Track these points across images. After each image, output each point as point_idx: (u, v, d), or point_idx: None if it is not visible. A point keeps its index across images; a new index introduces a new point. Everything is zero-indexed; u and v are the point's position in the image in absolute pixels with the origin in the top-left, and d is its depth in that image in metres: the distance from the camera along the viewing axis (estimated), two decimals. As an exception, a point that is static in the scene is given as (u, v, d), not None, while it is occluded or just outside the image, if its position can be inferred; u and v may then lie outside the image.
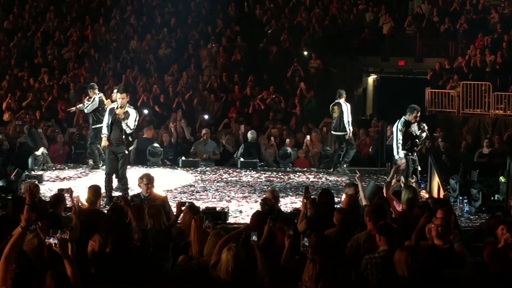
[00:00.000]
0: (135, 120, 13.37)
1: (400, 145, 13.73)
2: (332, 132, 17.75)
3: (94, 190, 10.06)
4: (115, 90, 14.98)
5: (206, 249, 7.40)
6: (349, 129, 17.13)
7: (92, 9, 28.31)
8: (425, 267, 7.19)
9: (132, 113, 13.33)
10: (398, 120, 13.95)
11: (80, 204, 10.29)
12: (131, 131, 13.34)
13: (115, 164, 13.50)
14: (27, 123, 20.40)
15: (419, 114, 14.09)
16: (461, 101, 22.77)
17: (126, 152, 13.44)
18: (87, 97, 17.19)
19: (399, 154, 13.69)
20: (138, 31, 27.02)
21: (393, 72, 28.51)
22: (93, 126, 16.80)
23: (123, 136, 13.26)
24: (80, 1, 28.63)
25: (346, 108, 17.10)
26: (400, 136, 13.79)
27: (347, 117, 17.07)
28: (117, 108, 13.33)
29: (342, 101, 17.19)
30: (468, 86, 22.76)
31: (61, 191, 10.28)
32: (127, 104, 13.43)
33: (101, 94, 17.06)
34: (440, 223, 7.80)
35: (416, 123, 14.01)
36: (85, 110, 17.08)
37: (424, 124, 14.42)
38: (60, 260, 6.75)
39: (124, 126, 13.21)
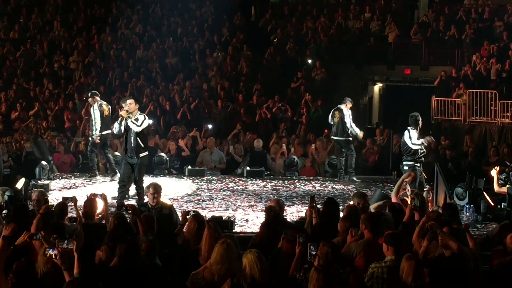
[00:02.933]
0: (143, 122, 13.49)
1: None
2: (332, 137, 17.85)
3: (89, 204, 10.01)
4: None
5: (215, 258, 7.40)
6: (357, 132, 17.28)
7: (98, 19, 28.39)
8: (434, 277, 7.20)
9: (141, 116, 13.54)
10: (406, 131, 14.20)
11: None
12: (138, 128, 13.42)
13: (129, 174, 13.73)
14: (34, 132, 20.44)
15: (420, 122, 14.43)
16: (467, 109, 22.76)
17: (137, 160, 13.52)
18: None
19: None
20: (144, 41, 27.08)
21: (399, 80, 28.51)
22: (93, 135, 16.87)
23: (136, 145, 13.39)
24: (86, 11, 28.71)
25: (348, 114, 17.24)
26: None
27: (349, 122, 17.23)
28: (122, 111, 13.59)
29: (343, 106, 17.33)
30: (474, 94, 22.75)
31: (65, 200, 10.29)
32: (138, 112, 13.66)
33: (101, 102, 16.94)
34: (443, 232, 7.81)
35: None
36: (98, 123, 16.68)
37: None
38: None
39: (130, 123, 13.35)
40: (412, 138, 14.26)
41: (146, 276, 7.42)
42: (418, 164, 14.27)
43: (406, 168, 14.31)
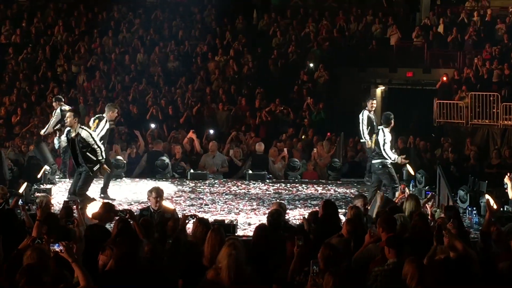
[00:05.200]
0: (94, 140, 13.34)
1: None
2: None
3: (106, 207, 10.01)
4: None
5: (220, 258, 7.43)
6: (365, 138, 16.98)
7: (100, 23, 28.41)
8: (439, 280, 7.18)
9: (83, 133, 13.34)
10: (380, 130, 14.11)
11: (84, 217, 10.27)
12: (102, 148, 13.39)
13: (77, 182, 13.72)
14: (36, 136, 20.43)
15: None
16: (470, 111, 22.75)
17: (86, 169, 13.36)
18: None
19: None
20: (146, 44, 27.11)
21: (401, 83, 28.48)
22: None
23: (82, 155, 13.34)
24: (88, 15, 28.74)
25: (360, 116, 17.01)
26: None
27: (361, 126, 16.96)
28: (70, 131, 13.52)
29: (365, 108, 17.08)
30: (476, 96, 22.74)
31: (67, 203, 10.28)
32: (78, 125, 13.45)
33: (66, 107, 17.14)
34: (450, 232, 7.81)
35: None
36: (51, 126, 17.19)
37: None
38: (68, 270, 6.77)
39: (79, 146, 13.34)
40: (386, 145, 14.07)
41: (149, 279, 7.42)
42: (388, 161, 14.17)
43: (377, 166, 14.25)
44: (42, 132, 17.73)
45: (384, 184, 14.25)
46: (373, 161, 14.40)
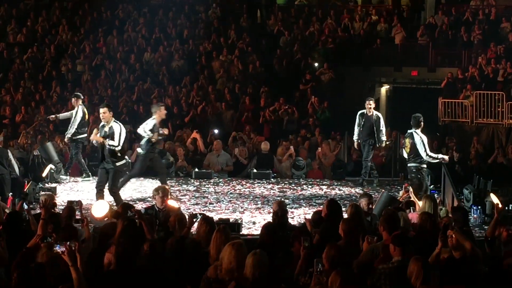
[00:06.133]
0: (120, 136, 13.37)
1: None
2: None
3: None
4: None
5: (226, 259, 7.42)
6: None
7: (105, 22, 28.43)
8: (444, 280, 7.18)
9: (116, 127, 13.40)
10: (414, 133, 14.04)
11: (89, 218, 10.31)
12: (119, 147, 13.43)
13: (104, 178, 13.65)
14: (41, 135, 20.46)
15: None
16: (474, 110, 22.72)
17: (113, 166, 13.44)
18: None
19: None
20: (151, 43, 27.11)
21: (406, 82, 28.48)
22: (74, 137, 16.94)
23: (112, 153, 13.41)
24: (93, 14, 28.76)
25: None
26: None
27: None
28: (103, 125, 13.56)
29: None
30: (481, 95, 22.72)
31: (70, 203, 10.29)
32: (113, 119, 13.56)
33: (83, 106, 17.23)
34: (452, 234, 7.79)
35: None
36: (77, 120, 16.96)
37: None
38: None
39: (109, 147, 13.35)
40: (426, 148, 14.04)
41: (149, 278, 7.43)
42: (425, 166, 14.20)
43: (411, 169, 14.25)
44: (68, 136, 17.13)
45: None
46: (408, 164, 14.33)
